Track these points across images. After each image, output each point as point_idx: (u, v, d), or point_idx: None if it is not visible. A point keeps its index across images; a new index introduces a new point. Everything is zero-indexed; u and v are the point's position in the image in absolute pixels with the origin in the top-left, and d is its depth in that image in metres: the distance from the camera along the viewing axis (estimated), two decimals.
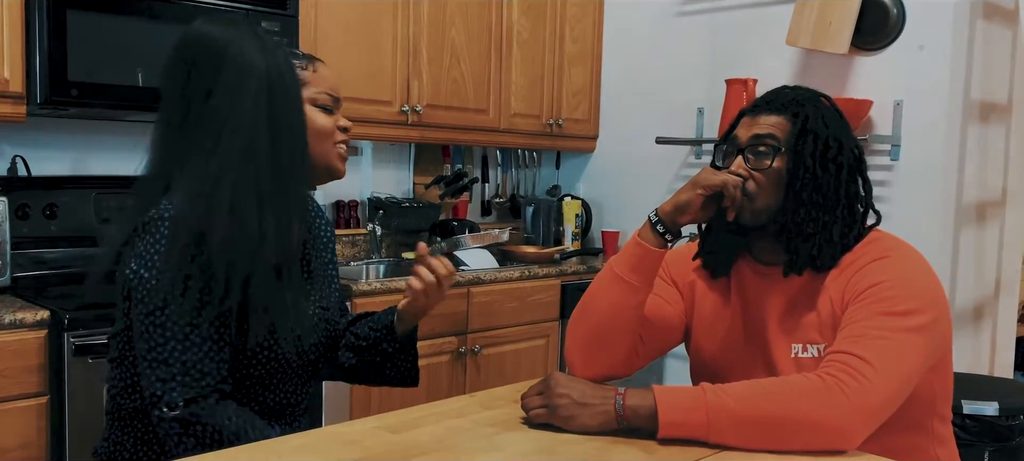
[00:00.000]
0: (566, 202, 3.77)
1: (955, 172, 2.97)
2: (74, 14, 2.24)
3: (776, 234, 1.42)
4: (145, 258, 1.27)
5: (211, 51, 1.31)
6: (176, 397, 1.24)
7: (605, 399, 1.27)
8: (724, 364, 1.49)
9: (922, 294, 1.32)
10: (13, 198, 2.39)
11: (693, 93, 3.51)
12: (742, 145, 1.43)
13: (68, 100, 2.26)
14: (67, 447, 2.09)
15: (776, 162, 1.39)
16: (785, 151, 1.40)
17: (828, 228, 1.39)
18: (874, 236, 1.43)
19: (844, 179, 1.40)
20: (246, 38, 1.34)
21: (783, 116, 1.42)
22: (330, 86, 1.47)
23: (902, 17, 2.98)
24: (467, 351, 2.96)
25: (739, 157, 1.43)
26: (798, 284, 1.42)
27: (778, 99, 1.44)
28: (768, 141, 1.41)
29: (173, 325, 1.25)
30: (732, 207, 1.38)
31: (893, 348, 1.25)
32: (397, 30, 3.05)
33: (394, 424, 1.33)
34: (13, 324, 2.02)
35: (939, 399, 1.41)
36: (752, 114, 1.46)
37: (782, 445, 1.20)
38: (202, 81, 1.30)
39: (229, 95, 1.30)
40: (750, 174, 1.40)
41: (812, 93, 1.46)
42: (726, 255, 1.51)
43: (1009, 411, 2.47)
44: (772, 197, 1.40)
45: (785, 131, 1.41)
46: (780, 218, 1.40)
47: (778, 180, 1.40)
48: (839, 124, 1.43)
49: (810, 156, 1.38)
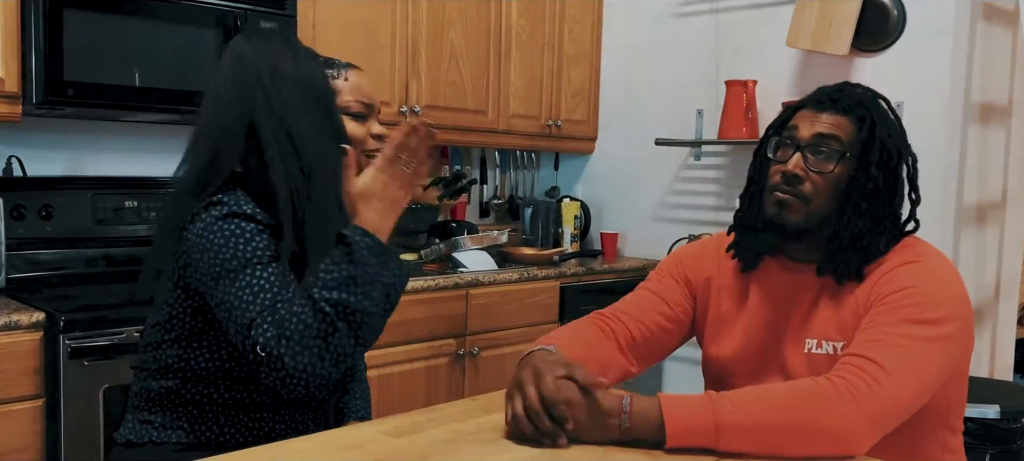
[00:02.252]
0: (565, 203, 3.76)
1: (955, 173, 2.97)
2: (70, 13, 2.22)
3: (826, 240, 1.38)
4: (208, 223, 1.30)
5: (253, 67, 1.36)
6: (268, 332, 1.23)
7: (611, 412, 1.21)
8: (738, 359, 1.47)
9: (948, 304, 1.29)
10: (8, 198, 2.37)
11: (692, 94, 3.51)
12: (802, 142, 1.37)
13: (64, 100, 2.24)
14: (63, 450, 2.07)
15: (839, 167, 1.35)
16: (850, 157, 1.35)
17: (876, 239, 1.35)
18: (907, 242, 1.40)
19: (901, 192, 1.37)
20: (284, 51, 1.38)
21: (848, 118, 1.36)
22: (363, 94, 1.51)
23: (902, 18, 2.97)
24: (466, 353, 2.95)
25: (798, 154, 1.36)
26: (825, 281, 1.39)
27: (845, 98, 1.37)
28: (832, 142, 1.35)
29: (245, 280, 1.26)
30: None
31: (911, 356, 1.22)
32: (396, 31, 3.03)
33: (396, 428, 1.32)
34: (8, 326, 2.00)
35: (953, 411, 1.38)
36: (815, 109, 1.38)
37: (789, 451, 1.17)
38: (245, 96, 1.35)
39: (269, 109, 1.34)
40: (808, 175, 1.36)
41: (875, 95, 1.41)
42: (759, 250, 1.46)
43: (1010, 414, 2.47)
44: (826, 202, 1.36)
45: (850, 134, 1.35)
46: (832, 225, 1.36)
47: (836, 185, 1.35)
48: (901, 133, 1.39)
49: (876, 166, 1.34)
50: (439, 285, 2.85)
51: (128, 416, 1.45)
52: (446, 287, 2.87)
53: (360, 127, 1.49)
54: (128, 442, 1.42)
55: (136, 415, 1.43)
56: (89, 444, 2.09)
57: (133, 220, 2.60)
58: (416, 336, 2.79)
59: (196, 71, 2.43)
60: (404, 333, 2.75)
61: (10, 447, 2.02)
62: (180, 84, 2.41)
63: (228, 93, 1.37)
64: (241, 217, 1.31)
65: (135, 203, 2.61)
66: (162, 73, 2.39)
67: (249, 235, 1.30)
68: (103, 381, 2.10)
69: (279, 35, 1.45)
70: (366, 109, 1.51)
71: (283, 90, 1.35)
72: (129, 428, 1.43)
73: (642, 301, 1.57)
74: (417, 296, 2.78)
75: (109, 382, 2.10)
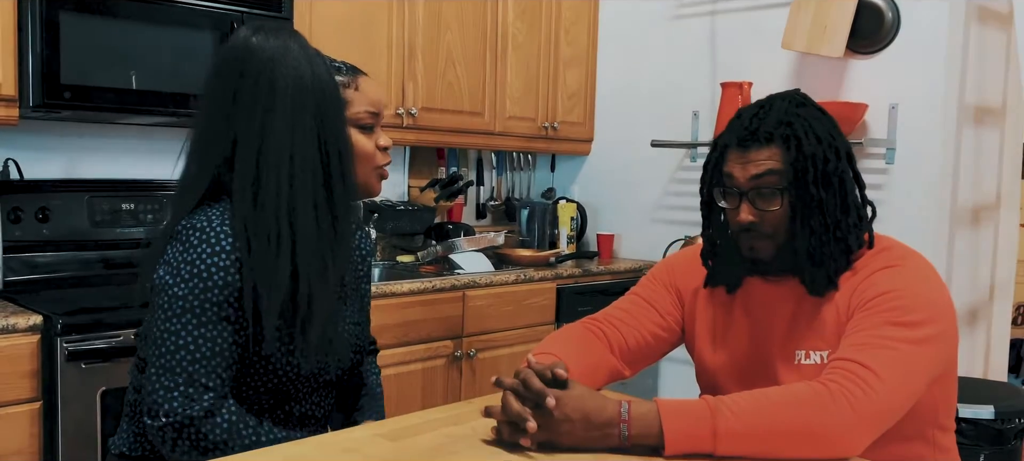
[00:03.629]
0: (561, 205, 3.77)
1: (950, 176, 2.98)
2: (67, 16, 2.22)
3: (792, 266, 1.39)
4: (173, 266, 1.27)
5: (260, 62, 1.29)
6: (176, 407, 1.25)
7: (609, 423, 1.21)
8: (728, 370, 1.49)
9: (931, 306, 1.30)
10: (5, 201, 2.37)
11: (688, 96, 3.52)
12: (742, 188, 1.37)
13: (61, 103, 2.24)
14: (60, 453, 2.07)
15: (783, 199, 1.35)
16: (788, 185, 1.35)
17: (838, 244, 1.36)
18: (885, 244, 1.41)
19: (848, 189, 1.37)
20: (294, 51, 1.31)
21: (774, 145, 1.35)
22: (370, 101, 1.44)
23: (897, 21, 2.98)
24: (463, 355, 2.95)
25: (744, 202, 1.37)
26: (804, 291, 1.40)
27: (763, 126, 1.36)
28: (768, 179, 1.35)
29: (187, 336, 1.25)
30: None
31: (899, 358, 1.24)
32: (392, 33, 3.04)
33: (392, 431, 1.33)
34: (5, 329, 2.00)
35: (941, 410, 1.40)
36: (741, 149, 1.37)
37: (786, 454, 1.19)
38: (251, 93, 1.29)
39: (282, 110, 1.28)
40: (761, 217, 1.36)
41: (790, 103, 1.39)
42: (737, 273, 1.48)
43: (1005, 414, 2.48)
44: (788, 228, 1.37)
45: (781, 161, 1.34)
46: (792, 249, 1.37)
47: (787, 213, 1.36)
48: (826, 129, 1.37)
49: (813, 183, 1.33)
50: (436, 287, 2.85)
51: (123, 425, 1.43)
52: (443, 289, 2.87)
53: (368, 140, 1.44)
54: (122, 454, 1.41)
55: (131, 426, 1.41)
56: (86, 447, 2.10)
57: (130, 222, 2.60)
58: (413, 338, 2.80)
59: (192, 74, 2.43)
60: (401, 335, 2.75)
61: (7, 450, 2.02)
62: (176, 87, 2.41)
63: (217, 92, 1.31)
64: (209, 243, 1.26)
65: (132, 205, 2.61)
66: (158, 76, 2.39)
67: (207, 273, 1.25)
68: (100, 384, 2.10)
69: (288, 31, 1.35)
70: (374, 118, 1.45)
71: (276, 93, 1.28)
72: (123, 439, 1.42)
73: (634, 308, 1.58)
74: (414, 298, 2.79)
75: (106, 385, 2.11)
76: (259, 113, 1.28)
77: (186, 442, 1.25)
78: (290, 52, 1.31)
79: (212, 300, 1.26)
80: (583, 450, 1.23)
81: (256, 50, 1.29)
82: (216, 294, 1.26)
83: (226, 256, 1.27)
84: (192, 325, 1.25)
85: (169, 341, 1.26)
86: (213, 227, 1.28)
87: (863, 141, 3.00)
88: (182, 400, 1.25)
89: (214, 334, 1.26)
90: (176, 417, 1.24)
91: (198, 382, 1.25)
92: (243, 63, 1.30)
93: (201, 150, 1.33)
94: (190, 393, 1.25)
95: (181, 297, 1.26)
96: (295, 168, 1.28)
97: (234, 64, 1.30)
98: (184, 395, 1.25)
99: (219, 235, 1.27)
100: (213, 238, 1.27)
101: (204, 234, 1.27)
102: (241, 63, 1.30)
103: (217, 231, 1.28)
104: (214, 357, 1.26)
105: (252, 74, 1.29)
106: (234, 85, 1.30)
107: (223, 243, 1.27)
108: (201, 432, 1.25)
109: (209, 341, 1.26)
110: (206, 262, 1.26)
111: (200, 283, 1.26)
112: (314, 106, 1.31)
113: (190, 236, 1.28)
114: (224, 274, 1.26)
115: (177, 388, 1.25)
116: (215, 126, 1.31)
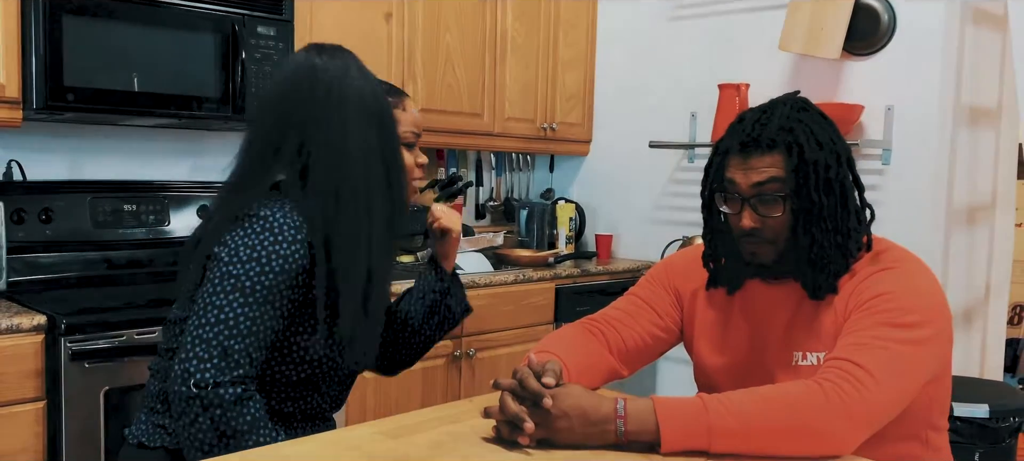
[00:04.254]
0: (560, 205, 3.79)
1: (945, 176, 3.00)
2: (70, 19, 2.24)
3: (793, 270, 1.40)
4: (232, 248, 1.34)
5: (328, 80, 1.41)
6: (208, 378, 1.28)
7: (606, 420, 1.23)
8: (726, 370, 1.50)
9: (926, 308, 1.31)
10: (9, 202, 2.39)
11: (686, 98, 3.53)
12: (744, 195, 1.38)
13: (64, 105, 2.26)
14: (64, 452, 2.09)
15: (786, 206, 1.36)
16: (791, 191, 1.35)
17: (839, 249, 1.37)
18: (882, 246, 1.42)
19: (848, 194, 1.38)
20: (354, 70, 1.44)
21: (776, 152, 1.35)
22: (413, 122, 1.58)
23: (893, 22, 3.00)
24: (462, 355, 2.97)
25: (747, 208, 1.37)
26: (804, 293, 1.42)
27: (765, 132, 1.36)
28: (771, 186, 1.35)
29: (231, 311, 1.31)
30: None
31: (894, 359, 1.25)
32: (392, 35, 3.06)
33: (393, 429, 1.34)
34: (9, 329, 2.02)
35: (935, 410, 1.41)
36: (743, 155, 1.38)
37: (780, 451, 1.20)
38: (322, 107, 1.40)
39: (353, 123, 1.40)
40: (763, 223, 1.37)
41: (792, 108, 1.39)
42: (738, 275, 1.49)
43: (999, 413, 2.51)
44: (790, 234, 1.38)
45: (783, 167, 1.35)
46: (793, 254, 1.39)
47: (790, 220, 1.37)
48: (827, 134, 1.38)
49: (815, 190, 1.34)
50: None
51: (141, 416, 1.47)
52: None
53: (409, 156, 1.55)
54: (140, 443, 1.44)
55: (150, 417, 1.45)
56: (90, 446, 2.11)
57: (132, 223, 2.62)
58: None
59: (194, 76, 2.45)
60: None
61: (11, 449, 2.04)
62: (178, 89, 2.43)
63: (285, 106, 1.41)
64: (272, 232, 1.34)
65: (134, 207, 2.63)
66: (161, 78, 2.41)
67: (266, 258, 1.33)
68: (104, 383, 2.12)
69: (345, 52, 1.48)
70: (416, 137, 1.57)
71: (346, 108, 1.40)
72: (142, 429, 1.45)
73: (633, 308, 1.60)
74: None
75: (110, 384, 2.12)
76: (334, 124, 1.39)
77: (208, 420, 1.28)
78: (350, 71, 1.43)
79: (264, 283, 1.32)
80: (581, 447, 1.25)
81: (321, 70, 1.42)
82: (270, 279, 1.33)
83: (288, 246, 1.35)
84: (238, 303, 1.31)
85: (211, 314, 1.31)
86: (276, 218, 1.36)
87: (859, 142, 3.02)
88: (214, 372, 1.28)
89: (256, 314, 1.32)
90: (206, 391, 1.28)
91: (231, 358, 1.30)
92: (311, 81, 1.41)
93: (264, 155, 1.42)
94: (222, 366, 1.29)
95: (234, 276, 1.32)
96: (370, 175, 1.39)
97: (302, 82, 1.42)
98: (217, 368, 1.29)
99: (283, 226, 1.35)
100: (276, 228, 1.35)
101: (267, 223, 1.35)
102: (309, 81, 1.41)
103: (280, 223, 1.35)
104: (250, 336, 1.31)
105: (322, 90, 1.40)
106: (304, 99, 1.40)
107: (286, 234, 1.35)
108: (227, 416, 1.29)
109: (249, 320, 1.31)
110: (266, 249, 1.33)
111: (256, 266, 1.32)
112: (377, 122, 1.42)
113: (254, 224, 1.35)
114: (282, 262, 1.34)
115: (211, 359, 1.29)
116: (282, 135, 1.41)
